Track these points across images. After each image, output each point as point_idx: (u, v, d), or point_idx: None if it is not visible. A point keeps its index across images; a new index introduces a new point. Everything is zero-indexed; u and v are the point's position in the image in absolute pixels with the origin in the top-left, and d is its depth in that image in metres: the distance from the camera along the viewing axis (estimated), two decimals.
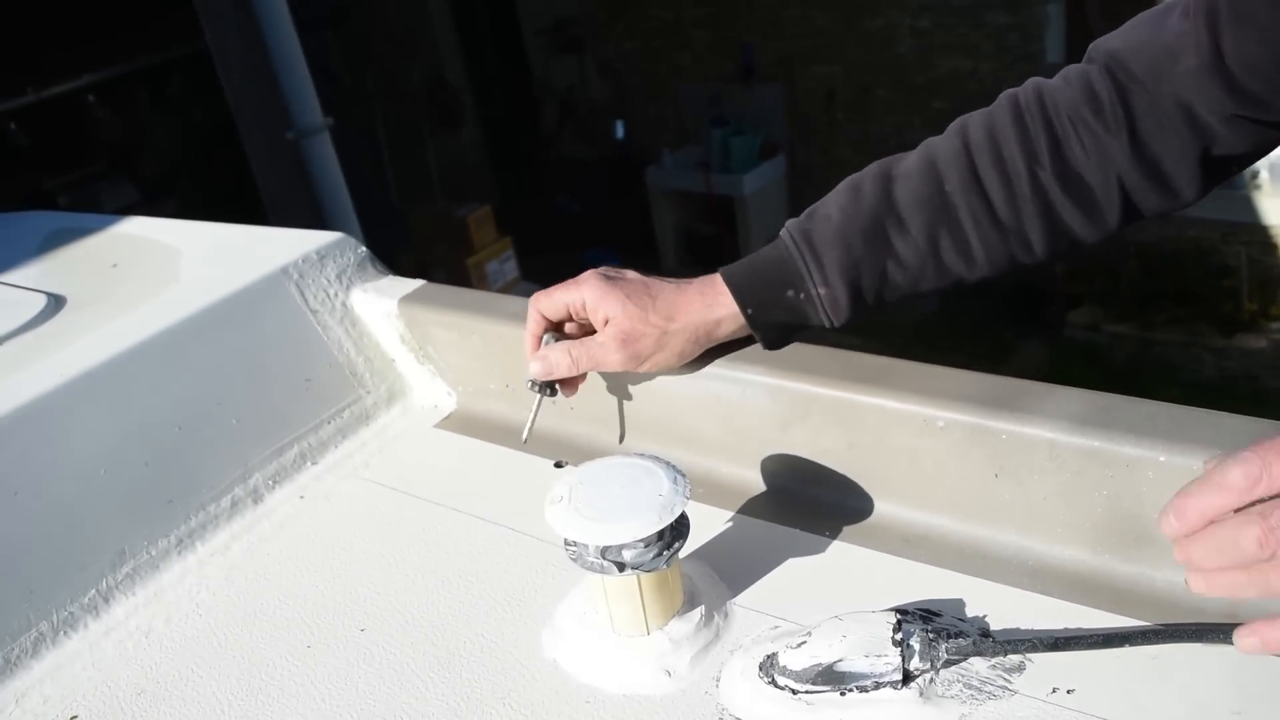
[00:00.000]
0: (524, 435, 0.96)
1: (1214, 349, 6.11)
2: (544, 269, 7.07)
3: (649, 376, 0.99)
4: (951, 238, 0.87)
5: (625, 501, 0.75)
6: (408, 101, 10.23)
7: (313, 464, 1.15)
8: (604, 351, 0.91)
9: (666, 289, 0.91)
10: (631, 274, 0.92)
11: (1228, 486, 0.59)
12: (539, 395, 0.95)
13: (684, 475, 0.77)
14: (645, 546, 0.75)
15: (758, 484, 0.97)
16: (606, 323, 0.91)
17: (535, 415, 0.97)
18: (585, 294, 0.91)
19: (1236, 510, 0.59)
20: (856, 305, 0.88)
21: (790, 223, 0.90)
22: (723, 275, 0.90)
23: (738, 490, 0.96)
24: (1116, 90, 0.84)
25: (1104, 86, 0.84)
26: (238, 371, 1.13)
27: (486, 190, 9.91)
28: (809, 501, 0.93)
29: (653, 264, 7.68)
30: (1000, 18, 6.38)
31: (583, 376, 0.97)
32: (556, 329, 0.95)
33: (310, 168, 4.11)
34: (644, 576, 0.76)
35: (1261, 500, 0.58)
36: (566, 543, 0.78)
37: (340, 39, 10.31)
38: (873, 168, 0.91)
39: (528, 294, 0.97)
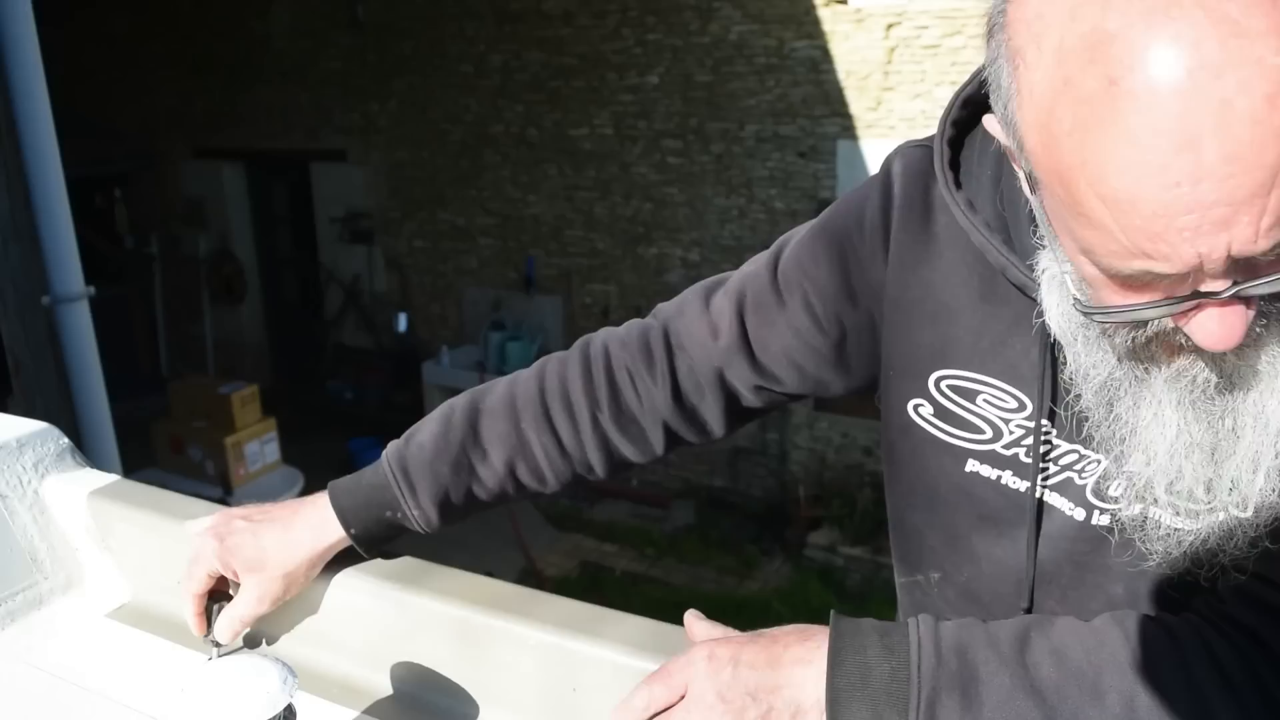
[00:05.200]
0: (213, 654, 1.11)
1: None
2: (308, 455, 7.01)
3: None
4: (526, 465, 1.08)
5: (237, 697, 0.86)
6: (191, 270, 10.13)
7: None
8: (253, 608, 1.08)
9: (275, 535, 1.07)
10: (240, 524, 1.08)
11: (636, 707, 0.84)
12: (214, 647, 1.12)
13: (294, 675, 0.89)
14: None
15: (385, 687, 1.09)
16: (238, 574, 1.07)
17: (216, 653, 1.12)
18: (211, 564, 1.08)
19: None
20: (447, 519, 1.07)
21: (391, 447, 1.09)
22: (330, 498, 1.07)
23: (367, 691, 1.09)
24: (667, 353, 1.08)
25: (659, 348, 1.08)
26: None
27: (261, 368, 9.79)
28: (426, 704, 1.06)
29: None
30: None
31: None
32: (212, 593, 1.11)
33: (63, 336, 4.05)
34: None
35: (658, 713, 0.84)
36: None
37: (128, 200, 10.19)
38: (464, 397, 1.11)
39: (286, 479, 1.14)
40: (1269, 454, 0.71)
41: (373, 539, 1.08)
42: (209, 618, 1.10)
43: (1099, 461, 0.86)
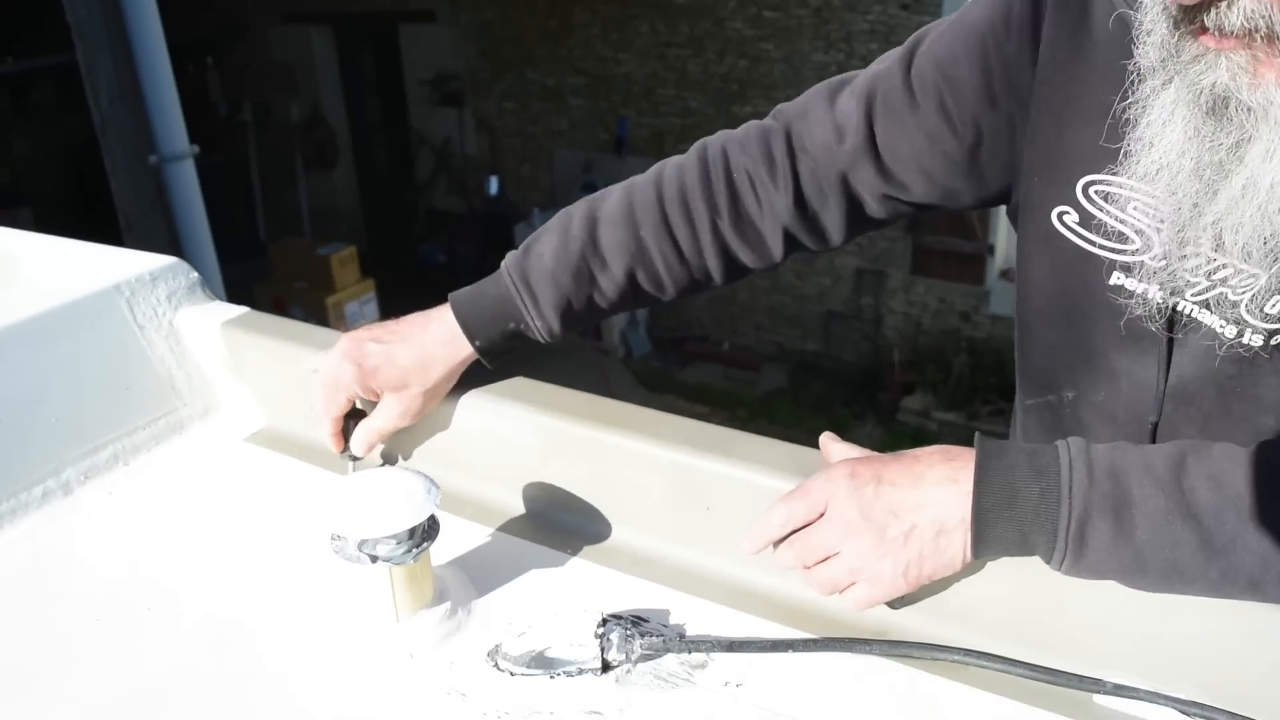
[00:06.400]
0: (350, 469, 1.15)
1: None
2: (405, 314, 7.13)
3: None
4: (646, 273, 1.07)
5: (384, 504, 0.88)
6: (284, 137, 10.20)
7: (124, 465, 1.25)
8: (394, 423, 1.10)
9: (411, 353, 1.07)
10: (372, 346, 1.08)
11: (774, 524, 0.86)
12: (351, 461, 1.15)
13: (437, 486, 0.91)
14: (397, 543, 0.88)
15: (518, 506, 1.11)
16: (379, 394, 1.09)
17: (353, 467, 1.15)
18: (351, 388, 1.09)
19: (777, 542, 0.87)
20: (568, 327, 1.07)
21: (510, 258, 1.08)
22: (454, 309, 1.07)
23: (500, 511, 1.11)
24: (789, 156, 1.04)
25: (780, 150, 1.04)
26: (62, 375, 1.22)
27: (355, 233, 9.91)
28: (558, 523, 1.08)
29: None
30: None
31: None
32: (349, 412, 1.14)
33: (171, 193, 4.13)
34: (395, 569, 0.90)
35: (797, 530, 0.86)
36: (332, 537, 0.91)
37: (220, 68, 10.25)
38: (582, 205, 1.09)
39: None
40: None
41: (496, 350, 1.09)
42: (345, 436, 1.13)
43: (1257, 276, 0.81)
